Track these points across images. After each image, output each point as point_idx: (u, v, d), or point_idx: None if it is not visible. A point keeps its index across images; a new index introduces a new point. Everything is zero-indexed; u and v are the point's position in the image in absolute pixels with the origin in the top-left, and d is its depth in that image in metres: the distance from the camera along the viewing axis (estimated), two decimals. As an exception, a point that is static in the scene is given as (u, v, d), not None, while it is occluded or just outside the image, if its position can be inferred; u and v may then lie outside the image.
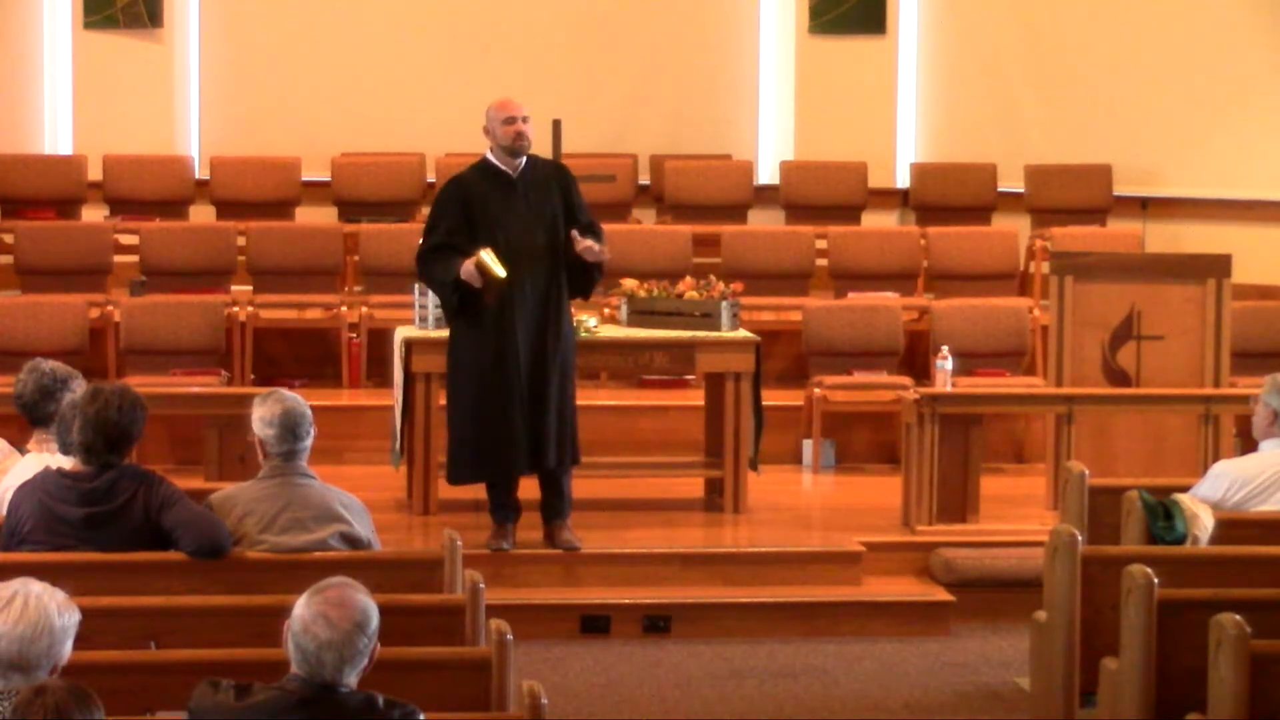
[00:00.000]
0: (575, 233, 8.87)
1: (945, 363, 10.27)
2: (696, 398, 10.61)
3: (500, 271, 8.71)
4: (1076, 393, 9.83)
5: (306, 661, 4.51)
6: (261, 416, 6.46)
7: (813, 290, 12.69)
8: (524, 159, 8.97)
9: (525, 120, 8.90)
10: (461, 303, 8.86)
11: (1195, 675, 5.85)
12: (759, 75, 14.67)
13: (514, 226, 8.90)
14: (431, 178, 13.82)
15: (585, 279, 9.03)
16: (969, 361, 11.30)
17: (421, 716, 4.59)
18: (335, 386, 12.02)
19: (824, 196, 13.89)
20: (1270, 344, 11.39)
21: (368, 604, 4.57)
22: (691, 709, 7.89)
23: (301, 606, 4.54)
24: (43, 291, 11.98)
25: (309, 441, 6.52)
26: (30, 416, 6.99)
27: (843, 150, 14.03)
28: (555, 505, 9.17)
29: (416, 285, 9.85)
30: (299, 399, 6.54)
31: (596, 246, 8.86)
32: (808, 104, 14.49)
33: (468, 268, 8.72)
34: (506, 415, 8.90)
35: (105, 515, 6.27)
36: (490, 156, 8.99)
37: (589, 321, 9.87)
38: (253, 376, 11.86)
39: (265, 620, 5.36)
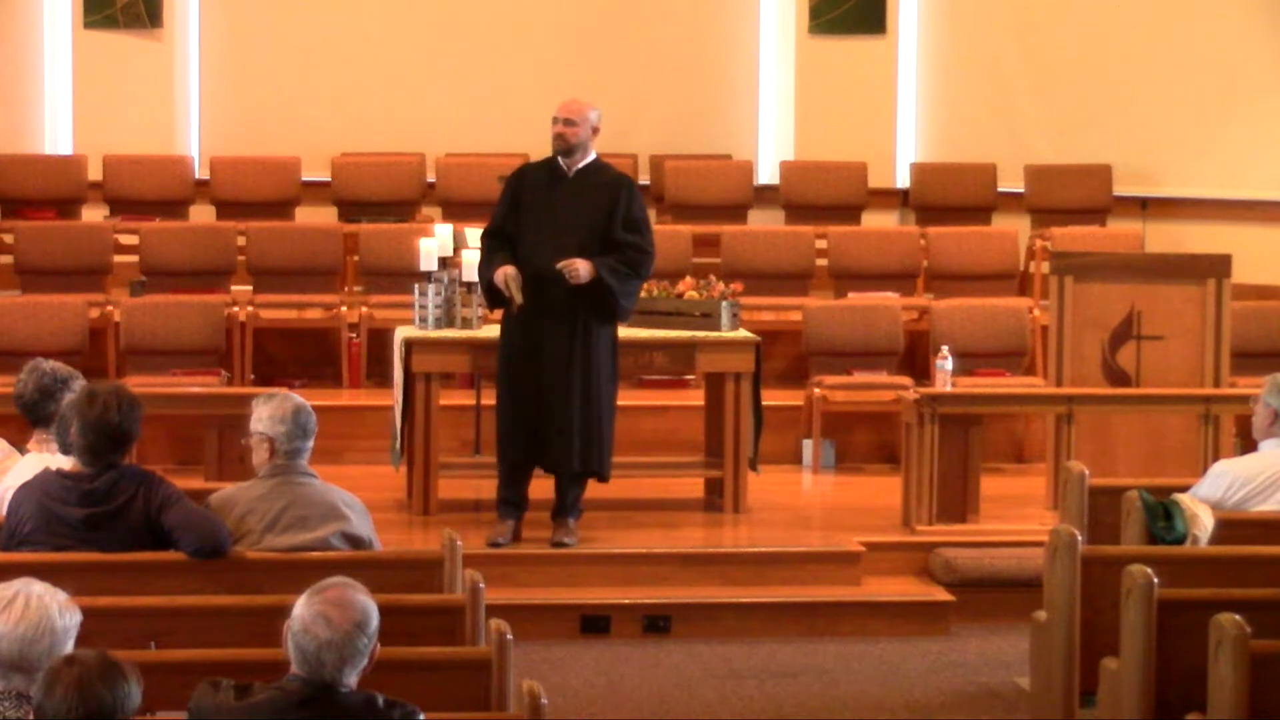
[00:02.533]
0: (563, 264, 8.91)
1: (945, 363, 10.27)
2: (696, 398, 10.61)
3: (516, 297, 8.95)
4: (1076, 393, 9.83)
5: (307, 661, 4.51)
6: (272, 414, 6.47)
7: (813, 290, 12.69)
8: (588, 160, 9.14)
9: (567, 123, 9.09)
10: (493, 300, 9.20)
11: (1195, 675, 5.85)
12: (759, 75, 14.66)
13: (551, 222, 9.02)
14: (431, 178, 13.83)
15: (602, 301, 9.05)
16: (969, 361, 11.30)
17: (421, 716, 4.59)
18: (335, 386, 12.02)
19: (824, 196, 13.89)
20: (1270, 344, 11.39)
21: (368, 604, 4.57)
22: (691, 709, 7.89)
23: (301, 606, 4.54)
24: (43, 291, 11.97)
25: (312, 441, 6.54)
26: (30, 416, 6.99)
27: (843, 150, 14.02)
28: (557, 505, 9.27)
29: (416, 285, 9.89)
30: (303, 400, 6.58)
31: (580, 271, 8.90)
32: (808, 104, 14.49)
33: (499, 276, 8.98)
34: (519, 407, 9.08)
35: (105, 516, 6.27)
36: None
37: (589, 321, 9.88)
38: (253, 376, 11.86)
39: (265, 620, 5.36)
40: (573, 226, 9.01)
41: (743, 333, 10.01)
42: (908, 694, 8.11)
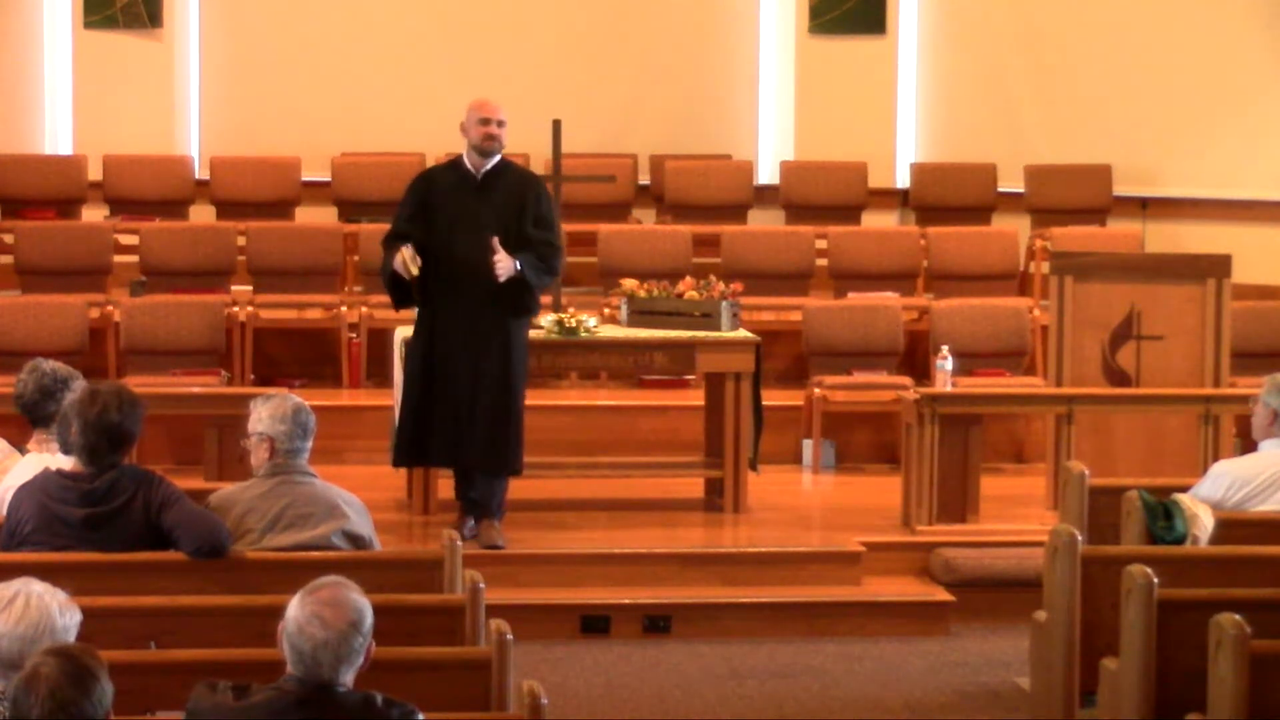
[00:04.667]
0: (495, 240, 8.88)
1: (945, 363, 10.27)
2: (696, 398, 10.61)
3: (410, 271, 8.88)
4: (1076, 393, 9.83)
5: (303, 662, 4.51)
6: (271, 414, 6.48)
7: (813, 290, 12.69)
8: (494, 161, 9.13)
9: (500, 124, 9.08)
10: (400, 293, 9.11)
11: (1195, 675, 5.85)
12: (759, 75, 14.67)
13: (466, 227, 8.98)
14: (431, 178, 13.82)
15: (516, 296, 9.03)
16: (969, 361, 11.30)
17: (420, 716, 4.58)
18: (335, 386, 12.01)
19: (824, 196, 13.89)
20: (1270, 344, 11.39)
21: (361, 602, 4.57)
22: (691, 709, 7.89)
23: (295, 608, 4.53)
24: (43, 291, 11.97)
25: (312, 441, 6.55)
26: (30, 416, 6.99)
27: (843, 150, 14.03)
28: (484, 505, 9.23)
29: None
30: (302, 400, 6.59)
31: (507, 265, 8.88)
32: (808, 104, 14.49)
33: (398, 259, 8.93)
34: (431, 409, 9.09)
35: (105, 516, 6.27)
36: (463, 155, 9.16)
37: (589, 321, 9.87)
38: (252, 376, 11.86)
39: (265, 620, 5.34)
40: (487, 227, 8.96)
41: (743, 333, 10.01)
42: (908, 694, 8.11)
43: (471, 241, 8.95)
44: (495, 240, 8.89)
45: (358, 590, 4.60)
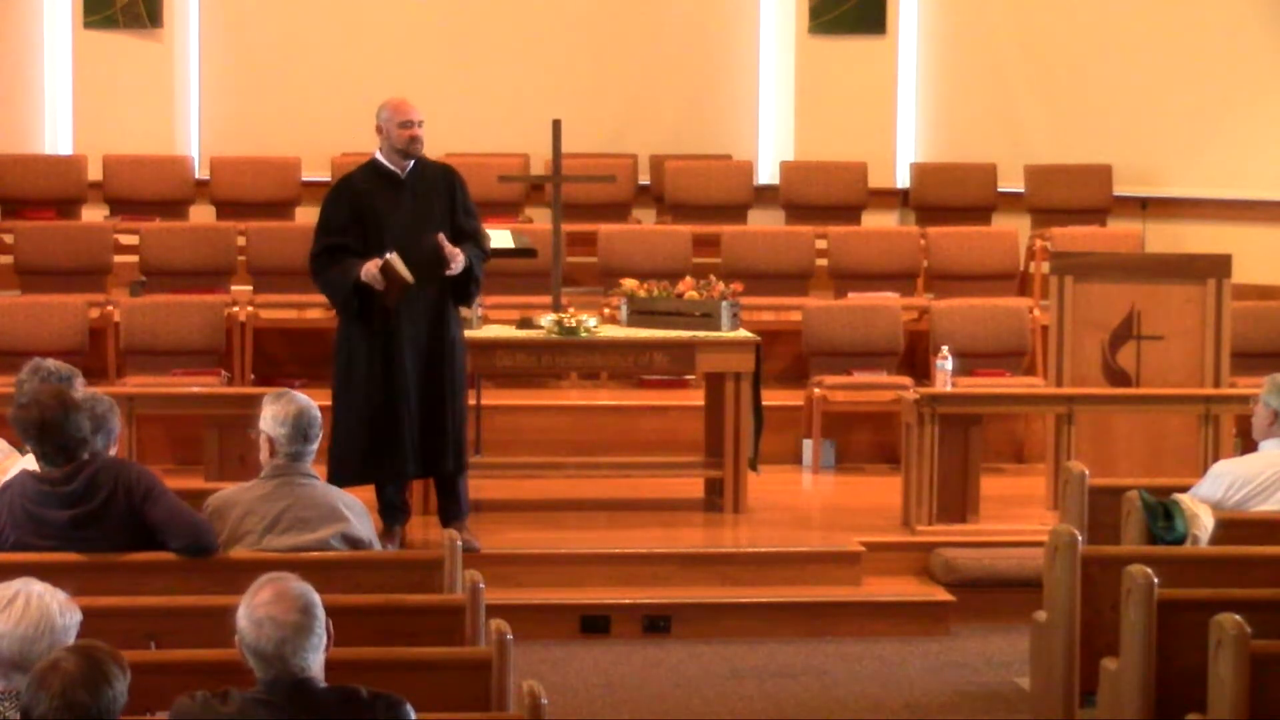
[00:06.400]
0: (441, 236, 8.81)
1: (945, 363, 10.28)
2: (696, 398, 10.61)
3: (408, 275, 8.69)
4: (1076, 393, 9.83)
5: (271, 665, 4.49)
6: (274, 415, 6.48)
7: (813, 290, 12.68)
8: (413, 161, 8.99)
9: (420, 124, 8.96)
10: (361, 307, 8.85)
11: (1195, 675, 5.86)
12: (759, 75, 14.66)
13: (399, 228, 8.87)
14: (431, 178, 13.81)
15: (462, 287, 8.98)
16: (969, 361, 11.30)
17: (408, 707, 4.56)
18: (335, 386, 12.00)
19: (824, 196, 13.89)
20: (1270, 344, 11.39)
21: (303, 588, 4.56)
22: (691, 709, 7.89)
23: (243, 617, 4.52)
24: (43, 291, 11.97)
25: (316, 445, 6.54)
26: (30, 416, 6.98)
27: (843, 150, 14.03)
28: (452, 509, 9.08)
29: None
30: (311, 402, 6.56)
31: (460, 259, 8.82)
32: (808, 104, 14.48)
33: (369, 270, 8.71)
34: (395, 419, 8.86)
35: (89, 515, 6.26)
36: (379, 156, 9.03)
37: (589, 321, 9.87)
38: (252, 376, 11.85)
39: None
40: (426, 225, 8.85)
41: (743, 333, 10.01)
42: (908, 694, 8.11)
43: (410, 243, 8.81)
44: (441, 236, 8.82)
45: (295, 578, 4.59)
